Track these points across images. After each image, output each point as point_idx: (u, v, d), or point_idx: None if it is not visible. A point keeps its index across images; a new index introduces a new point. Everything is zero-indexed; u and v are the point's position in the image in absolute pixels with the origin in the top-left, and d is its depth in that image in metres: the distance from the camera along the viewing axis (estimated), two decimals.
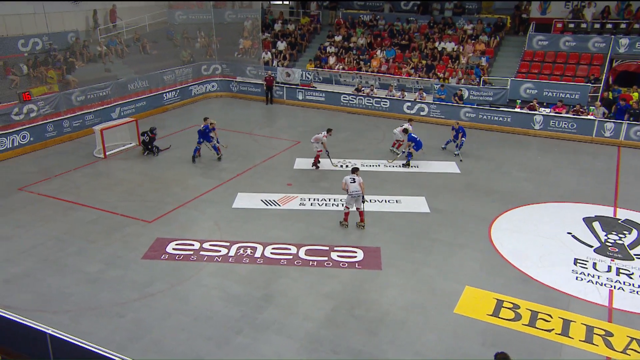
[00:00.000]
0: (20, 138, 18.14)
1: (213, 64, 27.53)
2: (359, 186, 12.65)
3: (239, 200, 14.49)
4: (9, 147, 17.82)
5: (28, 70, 20.88)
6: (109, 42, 24.91)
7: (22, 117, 18.67)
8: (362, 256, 11.63)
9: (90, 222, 13.17)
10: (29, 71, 20.89)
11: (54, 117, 19.48)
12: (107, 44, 24.68)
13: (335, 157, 17.88)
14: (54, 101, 19.74)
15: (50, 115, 19.50)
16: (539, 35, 23.93)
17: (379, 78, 24.93)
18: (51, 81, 21.26)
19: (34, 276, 10.78)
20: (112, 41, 25.05)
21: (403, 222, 13.27)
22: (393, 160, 17.45)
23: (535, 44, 23.93)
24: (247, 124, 21.82)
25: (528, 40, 24.08)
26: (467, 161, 17.77)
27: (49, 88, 20.86)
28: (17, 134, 18.04)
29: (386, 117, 23.21)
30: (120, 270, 11.04)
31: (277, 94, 25.82)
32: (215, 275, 10.91)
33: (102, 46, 24.20)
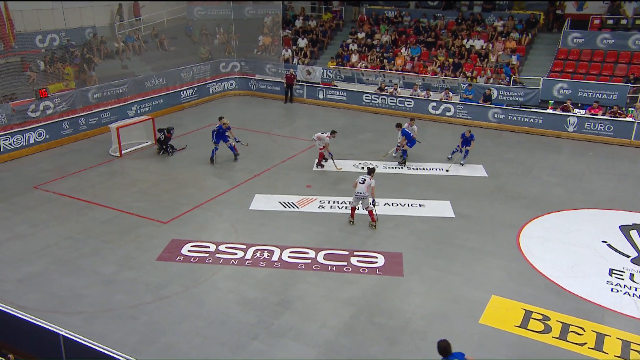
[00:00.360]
0: (36, 135, 18.57)
1: (232, 62, 27.77)
2: (366, 188, 12.67)
3: (257, 201, 14.58)
4: (25, 144, 18.26)
5: (45, 67, 21.36)
6: (126, 38, 25.33)
7: (38, 114, 19.13)
8: (383, 262, 11.59)
9: (105, 222, 13.40)
10: (46, 67, 21.37)
11: (70, 115, 19.90)
12: (125, 40, 25.10)
13: (357, 158, 17.87)
14: (71, 98, 20.17)
15: (67, 113, 19.93)
16: (575, 33, 23.53)
17: (403, 77, 24.83)
18: (68, 78, 21.72)
19: (48, 276, 11.02)
20: (129, 37, 25.46)
21: (426, 227, 13.19)
22: (385, 155, 17.42)
23: (571, 42, 23.55)
24: (265, 124, 21.95)
25: (562, 37, 23.70)
26: (495, 164, 17.56)
27: (66, 85, 21.31)
28: (33, 131, 18.47)
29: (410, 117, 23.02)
30: (134, 271, 11.20)
31: (297, 92, 25.90)
32: (231, 279, 10.99)
33: (120, 42, 24.61)
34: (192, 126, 21.52)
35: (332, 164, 17.03)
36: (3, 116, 18.17)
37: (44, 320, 8.16)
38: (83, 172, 16.68)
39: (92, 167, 17.14)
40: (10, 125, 18.31)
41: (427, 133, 21.31)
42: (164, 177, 16.28)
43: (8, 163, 17.49)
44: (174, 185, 15.67)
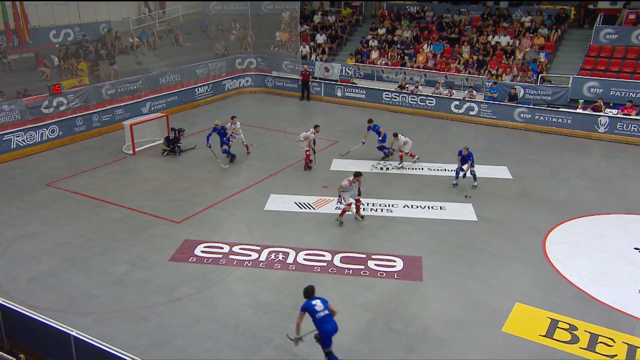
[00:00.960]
0: (49, 132, 18.90)
1: (248, 58, 27.92)
2: (349, 182, 13.04)
3: (272, 202, 14.63)
4: (38, 141, 18.60)
5: (59, 62, 21.72)
6: (141, 33, 25.63)
7: (51, 110, 19.46)
8: (401, 266, 11.55)
9: (117, 220, 13.58)
10: (60, 63, 21.73)
11: (83, 111, 20.21)
12: (139, 36, 25.40)
13: (376, 158, 17.82)
14: (84, 94, 20.49)
15: (80, 109, 20.24)
16: (608, 28, 23.16)
17: (424, 74, 24.70)
18: (81, 74, 22.06)
19: (59, 275, 11.20)
20: (144, 33, 25.76)
21: (447, 230, 13.11)
22: (346, 153, 17.29)
23: (603, 38, 23.18)
24: (281, 122, 22.01)
25: (594, 33, 23.34)
26: (521, 166, 17.36)
27: (79, 81, 21.65)
28: (46, 128, 18.80)
29: (432, 116, 22.96)
30: (146, 272, 11.33)
31: (314, 90, 25.94)
32: (245, 281, 11.05)
33: (134, 37, 24.91)
34: (207, 124, 21.65)
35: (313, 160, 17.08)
36: (16, 112, 18.52)
37: (54, 320, 8.29)
38: (95, 170, 16.92)
39: (104, 165, 17.37)
40: (23, 121, 18.65)
41: (449, 133, 21.23)
42: (178, 175, 16.43)
43: (20, 160, 17.83)
44: (187, 184, 15.81)
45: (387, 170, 16.96)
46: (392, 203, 14.53)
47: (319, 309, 8.38)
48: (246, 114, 23.32)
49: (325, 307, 8.42)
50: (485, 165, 17.38)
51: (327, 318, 8.37)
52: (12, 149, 17.92)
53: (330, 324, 8.39)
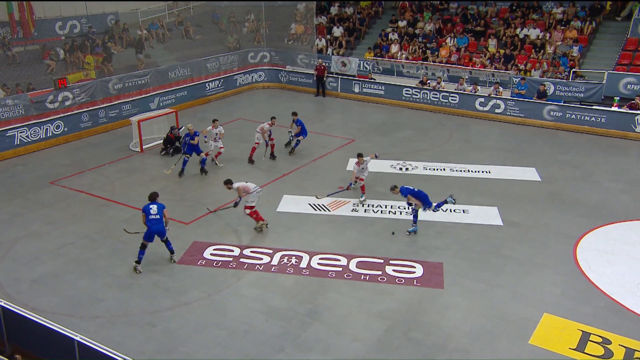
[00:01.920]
0: (54, 128, 19.16)
1: (261, 51, 28.02)
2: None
3: (284, 203, 14.66)
4: (43, 137, 18.86)
5: (65, 55, 21.99)
6: (149, 25, 25.85)
7: (56, 105, 19.72)
8: (421, 272, 11.50)
9: (124, 221, 13.71)
10: (66, 56, 22.00)
11: (89, 106, 20.46)
12: (148, 28, 25.62)
13: (395, 158, 17.78)
14: (90, 89, 20.73)
15: (86, 104, 20.50)
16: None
17: (447, 69, 24.57)
18: (88, 67, 22.31)
19: (63, 277, 11.35)
20: (152, 25, 25.97)
21: (471, 235, 13.04)
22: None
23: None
24: None
25: (632, 25, 23.00)
26: (550, 167, 17.19)
27: (86, 75, 21.90)
28: (51, 124, 19.06)
29: (455, 114, 22.84)
30: (153, 275, 11.43)
31: (330, 85, 25.95)
32: (256, 286, 11.09)
33: (142, 30, 25.13)
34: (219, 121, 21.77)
35: (266, 152, 17.38)
36: (20, 107, 18.80)
37: (58, 324, 8.40)
38: (102, 168, 17.12)
39: (111, 163, 17.56)
40: (28, 116, 18.94)
41: (472, 132, 21.11)
42: (187, 174, 16.54)
43: (24, 157, 18.10)
44: (196, 184, 15.91)
45: (407, 170, 16.91)
46: None
47: (152, 212, 11.32)
48: (258, 110, 23.41)
49: (159, 213, 11.32)
50: (512, 166, 17.24)
51: (155, 220, 11.27)
52: (16, 145, 18.20)
53: (156, 226, 11.28)
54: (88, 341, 7.86)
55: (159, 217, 11.30)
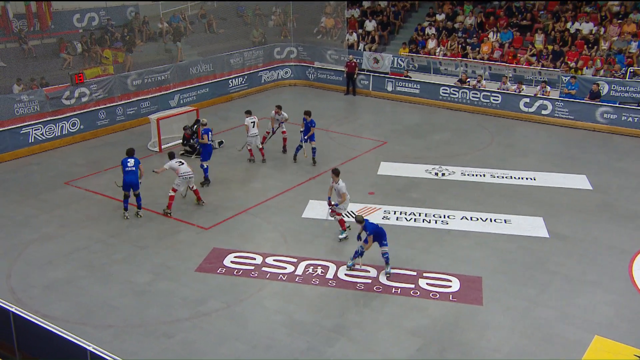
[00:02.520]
0: (69, 125, 19.56)
1: (288, 46, 28.17)
2: (190, 168, 14.15)
3: (311, 209, 14.68)
4: (58, 135, 19.28)
5: (82, 49, 22.43)
6: (171, 18, 26.20)
7: (73, 101, 20.13)
8: (458, 286, 11.38)
9: (141, 225, 13.90)
10: (83, 50, 22.44)
11: (107, 103, 20.86)
12: (169, 21, 25.98)
13: (431, 162, 17.65)
14: (108, 85, 21.10)
15: (103, 101, 20.90)
16: None
17: (489, 67, 24.31)
18: (106, 62, 22.71)
19: (77, 283, 11.55)
20: (174, 17, 26.33)
21: (513, 247, 12.87)
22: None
23: None
24: (323, 119, 22.04)
25: None
26: (603, 175, 16.84)
27: (104, 70, 22.30)
28: (66, 121, 19.48)
29: (497, 115, 22.59)
30: (171, 282, 11.55)
31: (361, 83, 25.92)
32: (279, 297, 11.11)
33: (163, 22, 25.49)
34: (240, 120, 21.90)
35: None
36: (35, 103, 19.23)
37: (70, 332, 8.51)
38: (118, 168, 17.29)
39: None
40: (43, 113, 19.36)
41: (516, 135, 20.85)
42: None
43: (38, 155, 18.52)
44: (217, 187, 16.04)
45: (444, 175, 16.77)
46: (449, 214, 14.36)
47: (129, 165, 13.85)
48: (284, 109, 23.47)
49: (135, 166, 13.85)
50: (560, 173, 16.96)
51: (130, 172, 13.75)
52: (30, 143, 18.65)
53: (129, 176, 13.74)
54: (101, 352, 7.95)
55: (134, 169, 13.83)
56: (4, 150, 18.12)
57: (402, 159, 17.98)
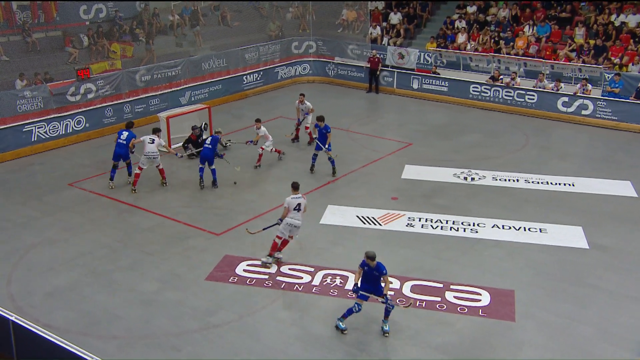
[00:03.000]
0: (74, 123, 19.79)
1: (306, 41, 28.22)
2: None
3: (329, 214, 14.67)
4: (62, 133, 19.51)
5: (89, 42, 22.69)
6: (182, 10, 26.41)
7: (78, 98, 20.35)
8: (488, 300, 11.29)
9: (148, 229, 14.00)
10: (90, 43, 22.69)
11: (114, 100, 21.06)
12: (181, 13, 26.18)
13: (459, 166, 17.56)
14: (116, 80, 21.31)
15: (110, 98, 21.09)
16: None
17: (524, 63, 24.13)
18: (114, 56, 22.94)
19: (80, 291, 11.65)
20: (186, 9, 26.53)
21: (549, 259, 12.75)
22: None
23: None
24: (344, 118, 22.08)
25: None
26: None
27: (111, 64, 22.52)
28: (71, 119, 19.71)
29: (532, 115, 22.42)
30: (179, 292, 11.60)
31: (385, 80, 25.87)
32: (295, 309, 11.10)
33: (175, 14, 25.68)
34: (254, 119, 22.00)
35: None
36: (39, 99, 19.44)
37: (72, 343, 8.58)
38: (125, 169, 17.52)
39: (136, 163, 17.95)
40: (47, 110, 19.59)
41: (553, 137, 20.67)
42: (219, 179, 16.75)
43: (41, 155, 18.76)
44: (230, 190, 16.10)
45: (473, 180, 16.65)
46: (479, 222, 14.26)
47: (122, 137, 15.87)
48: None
49: (127, 140, 15.86)
50: (602, 179, 16.76)
51: (121, 144, 15.79)
52: (33, 141, 18.89)
53: (119, 149, 15.84)
54: None
55: (125, 142, 15.82)
56: (5, 149, 18.36)
57: (428, 162, 17.90)
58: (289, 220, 12.08)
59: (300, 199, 12.10)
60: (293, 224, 12.12)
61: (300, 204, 12.06)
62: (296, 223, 12.12)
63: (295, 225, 12.14)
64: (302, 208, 12.13)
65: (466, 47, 25.71)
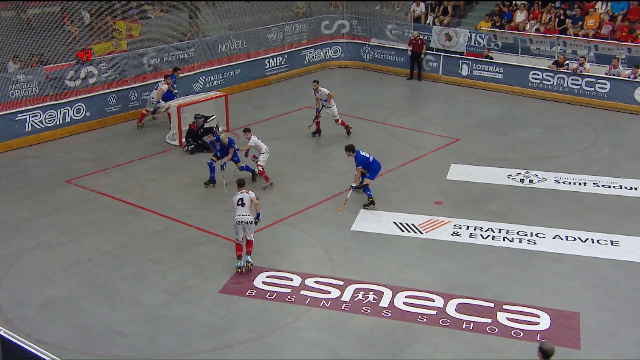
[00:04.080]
0: (73, 112, 20.08)
1: (338, 19, 28.21)
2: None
3: (362, 220, 14.67)
4: (59, 123, 19.81)
5: (90, 20, 22.95)
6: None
7: (78, 83, 20.62)
8: (548, 323, 11.18)
9: (155, 234, 14.15)
10: (92, 21, 22.96)
11: (118, 86, 21.31)
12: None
13: (515, 166, 17.41)
14: (120, 63, 21.53)
15: (114, 83, 21.35)
16: None
17: (595, 46, 23.80)
18: (119, 35, 23.16)
19: (77, 303, 11.82)
20: None
21: (621, 276, 12.61)
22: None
23: None
24: (380, 109, 22.05)
25: None
26: None
27: (115, 45, 22.75)
28: (70, 106, 20.00)
29: (603, 107, 22.16)
30: (189, 306, 11.69)
31: (429, 66, 25.76)
32: (321, 328, 11.12)
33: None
34: (277, 109, 22.16)
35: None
36: (34, 84, 19.70)
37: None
38: (130, 165, 17.76)
39: (142, 159, 18.19)
40: (43, 96, 19.87)
41: (628, 132, 20.39)
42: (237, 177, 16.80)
43: (36, 147, 19.08)
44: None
45: (531, 183, 16.50)
46: (537, 231, 14.14)
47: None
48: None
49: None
50: None
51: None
52: (27, 132, 19.20)
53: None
54: None
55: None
56: None
57: (478, 161, 17.79)
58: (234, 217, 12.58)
59: (244, 194, 12.60)
60: (235, 219, 12.53)
61: (243, 199, 12.55)
62: (238, 219, 12.48)
63: (238, 221, 12.49)
64: (247, 203, 12.53)
65: (525, 27, 25.47)
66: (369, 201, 15.13)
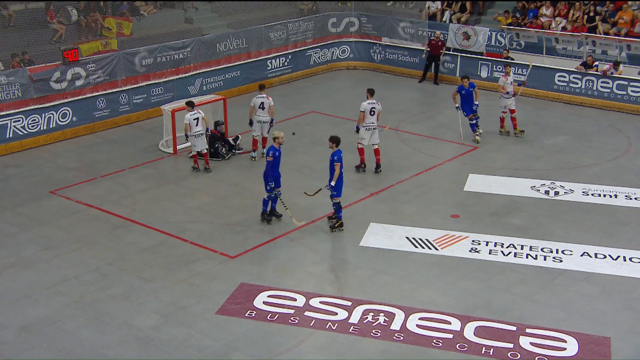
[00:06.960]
0: (59, 117, 20.14)
1: (347, 17, 28.25)
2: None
3: (371, 234, 14.68)
4: (43, 128, 19.86)
5: (78, 17, 23.06)
6: None
7: (64, 85, 20.65)
8: (576, 349, 11.15)
9: (147, 249, 14.16)
10: (80, 18, 23.05)
11: (107, 89, 21.35)
12: None
13: (539, 176, 17.41)
14: (110, 64, 21.59)
15: (103, 85, 21.39)
16: None
17: (628, 46, 23.81)
18: (108, 34, 23.24)
19: (62, 325, 11.81)
20: None
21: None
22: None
23: None
24: (392, 114, 22.02)
25: None
26: None
27: (105, 45, 22.83)
28: (55, 110, 20.05)
29: (638, 113, 22.17)
30: (183, 328, 11.69)
31: (445, 67, 25.79)
32: (327, 352, 11.11)
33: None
34: (280, 114, 22.17)
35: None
36: (16, 87, 19.71)
37: None
38: (120, 174, 17.79)
39: (133, 168, 18.23)
40: (25, 100, 19.91)
41: None
42: (236, 188, 16.90)
43: (18, 155, 19.13)
44: (249, 201, 16.18)
45: (557, 195, 16.48)
46: (564, 248, 14.12)
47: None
48: (339, 100, 23.61)
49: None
50: None
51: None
52: (8, 138, 19.24)
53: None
54: None
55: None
56: None
57: (498, 171, 17.80)
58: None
59: (264, 99, 15.03)
60: (255, 119, 14.25)
61: (264, 103, 16.11)
62: (258, 119, 14.41)
63: (257, 120, 14.92)
64: (267, 107, 14.53)
65: (551, 25, 25.50)
66: (338, 223, 14.82)
